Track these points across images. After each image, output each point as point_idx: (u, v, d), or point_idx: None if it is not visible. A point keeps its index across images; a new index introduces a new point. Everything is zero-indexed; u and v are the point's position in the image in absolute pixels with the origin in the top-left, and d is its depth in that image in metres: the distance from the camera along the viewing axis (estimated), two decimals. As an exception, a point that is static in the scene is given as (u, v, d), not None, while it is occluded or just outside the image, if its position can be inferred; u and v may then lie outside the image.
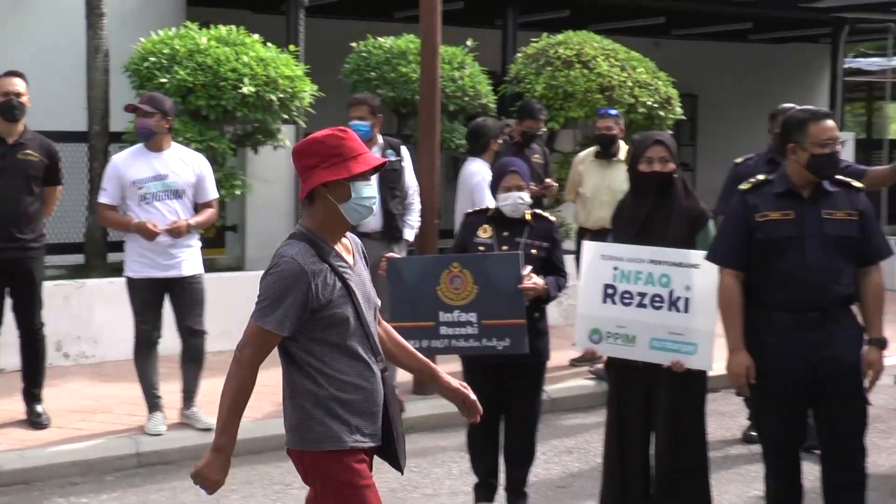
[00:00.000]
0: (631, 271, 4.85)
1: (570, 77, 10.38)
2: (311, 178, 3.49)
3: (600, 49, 10.73)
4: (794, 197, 4.64)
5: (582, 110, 10.37)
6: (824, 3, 14.35)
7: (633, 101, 10.39)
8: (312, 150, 3.50)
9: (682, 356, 4.79)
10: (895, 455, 6.82)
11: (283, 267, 3.44)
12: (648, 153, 4.88)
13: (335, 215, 3.53)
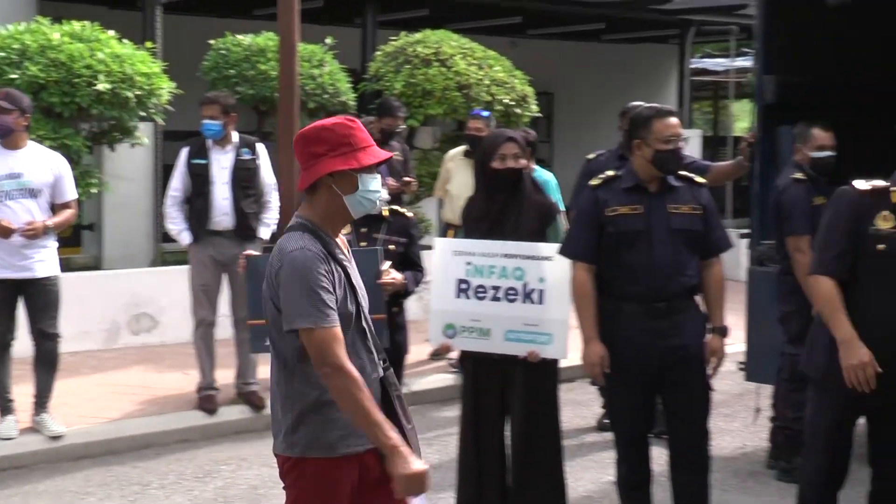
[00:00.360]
0: (484, 266, 4.90)
1: (428, 75, 10.45)
2: (317, 167, 3.29)
3: (458, 48, 10.83)
4: (642, 192, 4.77)
5: (441, 108, 10.45)
6: (672, 5, 14.76)
7: (491, 98, 10.52)
8: (321, 137, 3.31)
9: (538, 346, 4.87)
10: (738, 438, 7.07)
11: (295, 261, 3.22)
12: (501, 150, 4.92)
13: (338, 207, 3.35)
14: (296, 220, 3.38)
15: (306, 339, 3.20)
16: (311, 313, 3.18)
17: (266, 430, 7.28)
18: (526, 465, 4.98)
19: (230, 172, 7.13)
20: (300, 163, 3.37)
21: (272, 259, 3.32)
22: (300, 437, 3.32)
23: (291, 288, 3.20)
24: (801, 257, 5.97)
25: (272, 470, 6.43)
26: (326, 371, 3.19)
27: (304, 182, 3.34)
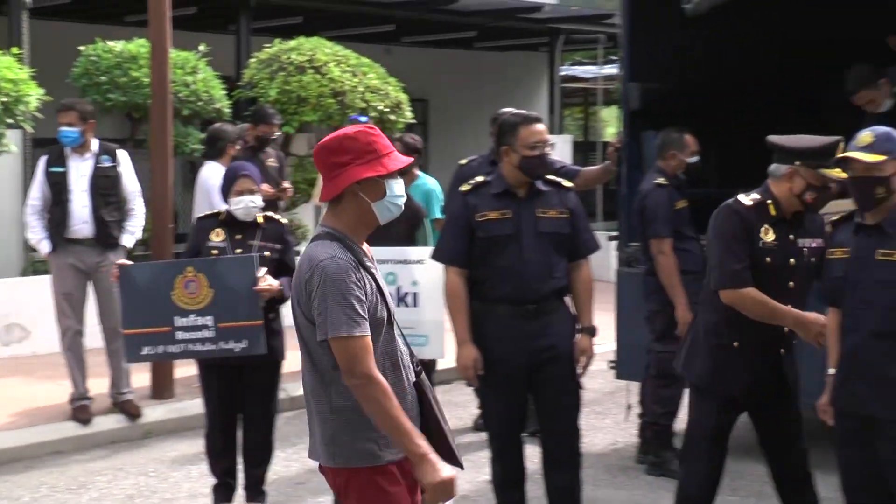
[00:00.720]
0: None
1: (303, 82, 10.40)
2: (343, 175, 3.25)
3: (332, 55, 10.80)
4: (511, 197, 4.83)
5: (316, 115, 10.41)
6: (541, 14, 14.98)
7: (365, 105, 10.51)
8: (344, 146, 3.27)
9: (415, 348, 4.85)
10: (610, 434, 7.21)
11: (328, 269, 3.17)
12: None
13: (366, 214, 3.32)
14: (322, 229, 3.33)
15: (337, 348, 3.17)
16: (344, 322, 3.14)
17: (143, 439, 7.19)
18: (404, 467, 4.99)
19: (89, 180, 7.00)
20: (323, 175, 3.32)
21: (301, 268, 3.27)
22: (342, 448, 3.28)
23: (324, 297, 3.16)
24: (663, 259, 6.13)
25: (149, 479, 6.34)
26: (355, 382, 3.16)
27: (332, 192, 3.28)
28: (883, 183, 4.02)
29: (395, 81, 11.08)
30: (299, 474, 6.42)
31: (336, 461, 3.28)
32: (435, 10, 14.23)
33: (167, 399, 7.65)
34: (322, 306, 3.16)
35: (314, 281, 3.18)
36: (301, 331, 3.30)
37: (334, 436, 3.27)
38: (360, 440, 3.25)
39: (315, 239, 3.30)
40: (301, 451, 6.82)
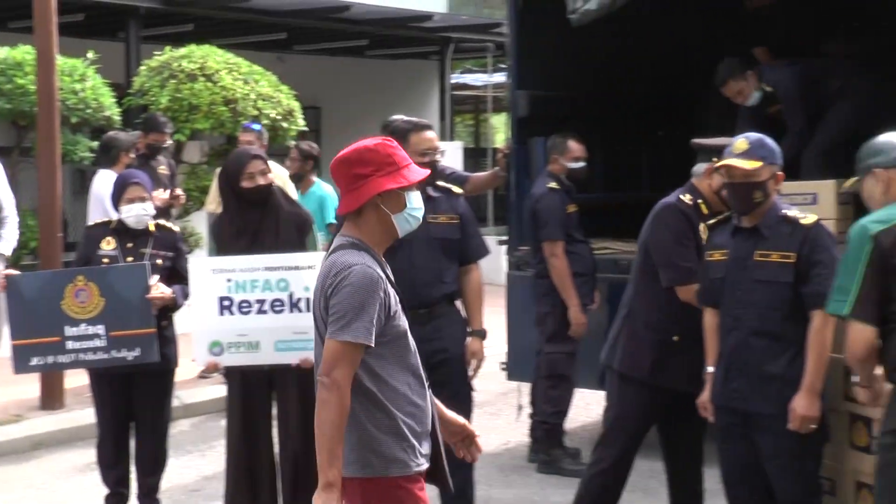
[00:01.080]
0: (246, 281, 4.81)
1: (194, 90, 10.26)
2: (365, 187, 3.20)
3: (223, 63, 10.68)
4: None
5: (207, 122, 10.28)
6: (432, 23, 15.05)
7: (257, 113, 10.42)
8: (365, 158, 3.23)
9: (310, 353, 4.82)
10: (503, 434, 7.27)
11: (358, 275, 3.14)
12: (248, 169, 4.84)
13: (387, 226, 3.27)
14: (345, 239, 3.27)
15: (332, 348, 3.13)
16: (357, 329, 3.11)
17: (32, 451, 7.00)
18: (303, 472, 4.95)
19: None
20: (341, 186, 3.27)
21: (326, 273, 3.21)
22: (373, 455, 3.20)
23: (350, 301, 3.12)
24: (556, 261, 6.22)
25: (38, 491, 6.19)
26: (326, 381, 3.11)
27: (353, 204, 3.23)
28: (760, 188, 4.16)
29: (288, 89, 11.01)
30: (194, 482, 6.34)
31: (366, 470, 3.20)
32: (326, 19, 14.18)
33: (57, 409, 7.48)
34: (344, 309, 3.12)
35: (340, 284, 3.14)
36: (321, 336, 3.24)
37: (362, 442, 3.20)
38: (392, 448, 3.20)
39: (339, 248, 3.25)
40: (196, 458, 6.75)
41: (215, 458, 6.69)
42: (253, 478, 4.97)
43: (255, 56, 11.94)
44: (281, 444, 5.00)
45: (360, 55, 17.36)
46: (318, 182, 8.17)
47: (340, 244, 3.27)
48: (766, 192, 4.16)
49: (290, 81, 11.36)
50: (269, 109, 10.55)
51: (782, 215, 4.21)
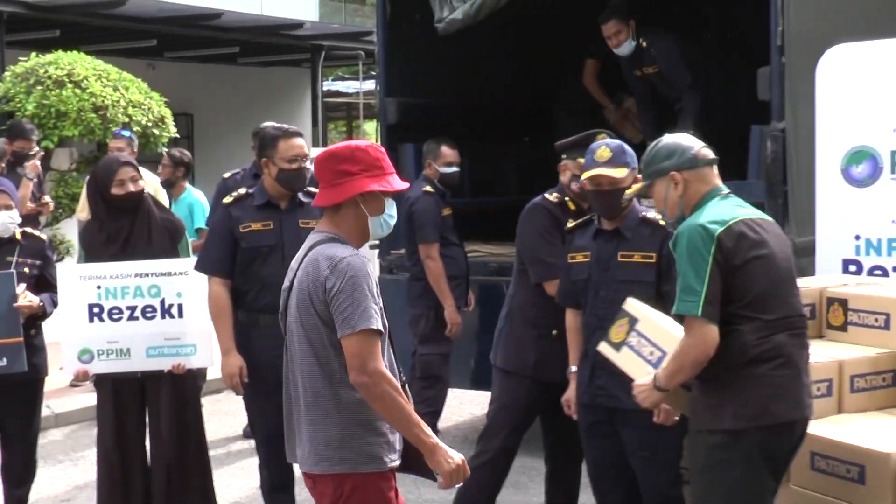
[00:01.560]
0: (117, 287, 4.72)
1: (62, 96, 9.98)
2: (351, 184, 3.21)
3: (92, 69, 10.42)
4: (273, 208, 4.82)
5: (76, 129, 10.01)
6: (303, 31, 14.97)
7: (128, 120, 10.21)
8: (356, 156, 3.24)
9: (183, 358, 4.79)
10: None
11: (356, 265, 3.13)
12: (119, 176, 4.75)
13: (362, 226, 3.28)
14: (323, 234, 3.27)
15: (356, 343, 3.09)
16: (372, 316, 3.09)
17: None
18: (174, 477, 4.87)
19: None
20: (323, 179, 3.28)
21: (316, 267, 3.16)
22: (351, 452, 3.18)
23: (352, 292, 3.10)
24: (432, 263, 6.25)
25: None
26: (365, 380, 3.08)
27: (334, 198, 3.24)
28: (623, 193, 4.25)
29: (158, 96, 10.81)
30: (65, 491, 6.17)
31: (344, 465, 3.18)
32: (197, 27, 13.97)
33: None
34: (349, 300, 3.10)
35: (337, 277, 3.12)
36: (305, 332, 3.20)
37: (343, 439, 3.18)
38: (370, 444, 3.20)
39: (319, 242, 3.24)
40: (68, 467, 6.57)
41: (87, 467, 6.53)
42: (125, 486, 4.86)
43: (124, 63, 11.68)
44: (153, 452, 4.89)
45: (233, 62, 17.16)
46: (189, 188, 8.06)
47: (320, 239, 3.26)
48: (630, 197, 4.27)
49: (162, 88, 11.16)
50: (139, 116, 10.34)
51: (642, 217, 4.31)
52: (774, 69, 5.77)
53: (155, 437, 4.87)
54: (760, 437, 3.42)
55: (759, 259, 3.45)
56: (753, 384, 3.42)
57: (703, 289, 3.36)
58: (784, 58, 5.74)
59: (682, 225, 3.51)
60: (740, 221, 3.47)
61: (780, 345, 3.44)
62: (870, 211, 5.42)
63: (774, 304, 3.45)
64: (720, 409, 3.46)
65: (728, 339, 3.41)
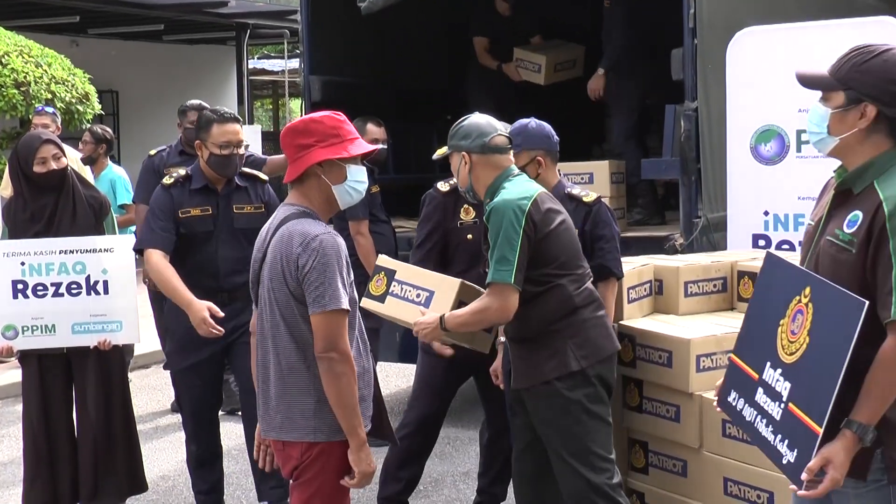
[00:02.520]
0: (42, 264, 4.62)
1: (-18, 72, 9.71)
2: (307, 156, 3.19)
3: (13, 45, 10.15)
4: (210, 192, 4.75)
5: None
6: (227, 9, 14.76)
7: (51, 96, 9.97)
8: (309, 128, 3.21)
9: (109, 334, 4.70)
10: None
11: (327, 244, 3.12)
12: (41, 153, 4.61)
13: (328, 197, 3.26)
14: (293, 208, 3.24)
15: (327, 321, 3.10)
16: (342, 296, 3.11)
17: None
18: (101, 452, 4.79)
19: None
20: (288, 155, 3.26)
21: (288, 243, 3.12)
22: (323, 423, 3.17)
23: (323, 271, 3.10)
24: (361, 240, 6.21)
25: None
26: (333, 356, 3.10)
27: (294, 172, 3.23)
28: None
29: (82, 73, 10.58)
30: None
31: (317, 435, 3.18)
32: (120, 3, 13.69)
33: None
34: (320, 279, 3.10)
35: (309, 255, 3.11)
36: (279, 306, 3.17)
37: (318, 409, 3.17)
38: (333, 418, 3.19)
39: (290, 217, 3.21)
40: (-7, 445, 6.42)
41: (12, 443, 6.41)
42: (52, 462, 4.78)
43: (47, 39, 11.41)
44: (80, 428, 4.80)
45: (158, 40, 16.88)
46: (110, 165, 7.94)
47: (290, 213, 3.23)
48: None
49: (86, 65, 10.92)
50: (63, 93, 10.11)
51: (567, 193, 4.34)
52: (687, 50, 5.84)
53: (81, 412, 4.78)
54: (599, 369, 3.83)
55: (563, 224, 3.81)
56: (584, 327, 3.81)
57: (515, 258, 3.64)
58: (696, 40, 5.80)
59: (493, 202, 3.74)
60: (541, 193, 3.80)
61: (591, 291, 3.89)
62: (777, 188, 5.53)
63: (578, 261, 3.87)
64: (560, 356, 3.78)
65: (551, 295, 3.77)
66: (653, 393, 4.43)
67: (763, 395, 2.81)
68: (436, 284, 4.03)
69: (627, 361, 4.46)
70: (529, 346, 3.85)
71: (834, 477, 2.58)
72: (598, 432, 3.82)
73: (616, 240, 4.37)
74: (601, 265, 4.24)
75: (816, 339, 2.64)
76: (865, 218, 2.65)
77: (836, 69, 2.75)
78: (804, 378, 2.65)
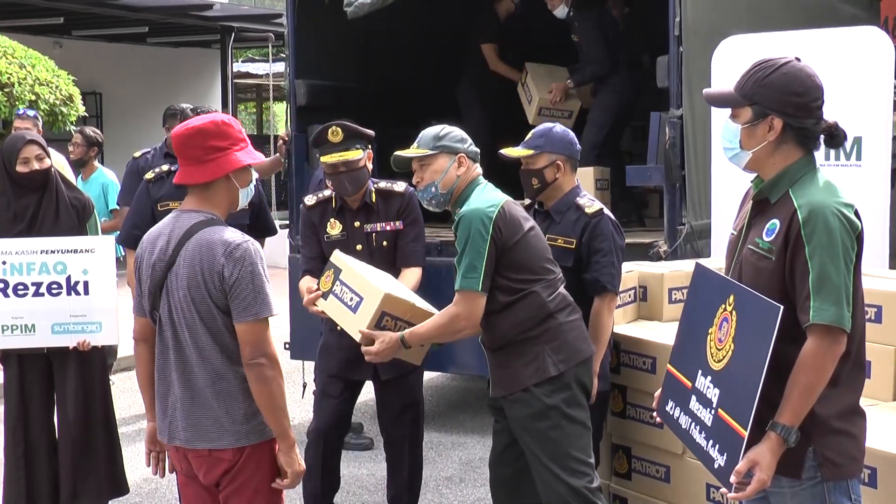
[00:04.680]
0: (23, 263, 4.60)
1: (-36, 73, 9.66)
2: (223, 160, 3.16)
3: (-4, 46, 10.11)
4: None
5: (-21, 106, 9.69)
6: (212, 12, 14.73)
7: (35, 98, 9.92)
8: (223, 131, 3.18)
9: (88, 335, 4.68)
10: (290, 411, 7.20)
11: (252, 252, 3.12)
12: (24, 154, 4.61)
13: (232, 199, 3.25)
14: (201, 215, 3.18)
15: (252, 329, 3.09)
16: (270, 304, 3.12)
17: None
18: (81, 453, 4.76)
19: None
20: (190, 156, 3.18)
21: (210, 252, 3.08)
22: (254, 427, 3.19)
23: (251, 279, 3.09)
24: None
25: None
26: (262, 361, 3.10)
27: (208, 175, 3.17)
28: (536, 175, 4.29)
29: (66, 74, 10.53)
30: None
31: (250, 438, 3.18)
32: (104, 5, 13.63)
33: None
34: (249, 288, 3.09)
35: (234, 264, 3.09)
36: (201, 316, 3.13)
37: (248, 413, 3.17)
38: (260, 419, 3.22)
39: (201, 224, 3.15)
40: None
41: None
42: (31, 464, 4.75)
43: (30, 40, 11.36)
44: (60, 430, 4.78)
45: (142, 42, 16.83)
46: (100, 168, 7.91)
47: (197, 220, 3.17)
48: (542, 179, 4.28)
49: (70, 67, 10.88)
50: (47, 94, 10.06)
51: (574, 202, 4.33)
52: (673, 58, 5.86)
53: (62, 413, 4.76)
54: (576, 372, 3.83)
55: (532, 231, 3.84)
56: (560, 332, 3.81)
57: (482, 265, 3.67)
58: (682, 47, 5.82)
59: (462, 211, 3.78)
60: (507, 202, 3.82)
61: (564, 295, 3.89)
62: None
63: (549, 266, 3.88)
64: (538, 362, 3.78)
65: (525, 302, 3.78)
66: (637, 399, 4.44)
67: (696, 403, 2.90)
68: (366, 292, 4.02)
69: (612, 367, 4.46)
70: (506, 355, 3.85)
71: (761, 478, 2.66)
72: (577, 437, 3.82)
73: (614, 254, 4.27)
74: (596, 279, 4.22)
75: (740, 345, 2.72)
76: (782, 226, 2.74)
77: (740, 86, 2.85)
78: (731, 384, 2.74)
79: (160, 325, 3.25)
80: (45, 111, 9.98)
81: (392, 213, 4.64)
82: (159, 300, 3.23)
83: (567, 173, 4.33)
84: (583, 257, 4.24)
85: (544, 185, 4.31)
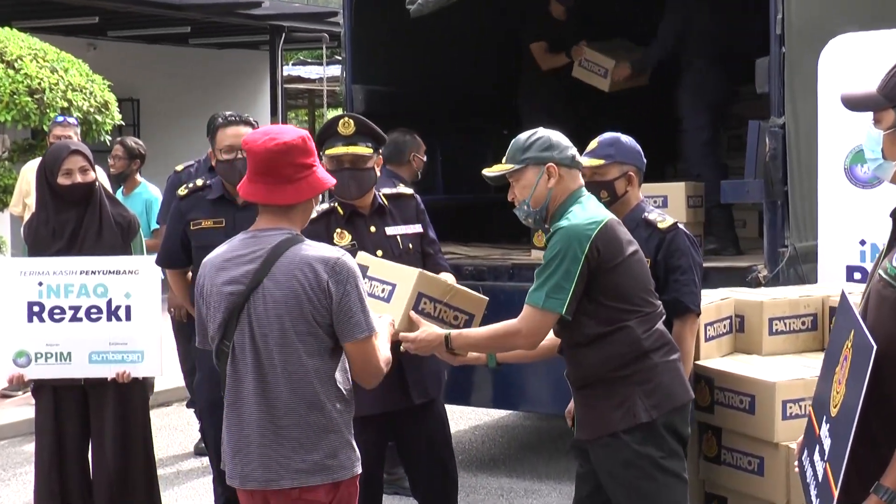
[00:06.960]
0: (60, 285, 4.69)
1: (-7, 78, 9.94)
2: (314, 178, 3.29)
3: (27, 48, 10.37)
4: (228, 203, 4.86)
5: (9, 114, 9.95)
6: (261, 10, 14.94)
7: (68, 105, 10.17)
8: (309, 148, 3.29)
9: (129, 365, 4.74)
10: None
11: (351, 267, 3.27)
12: (66, 165, 4.70)
13: (308, 218, 3.42)
14: (287, 232, 3.27)
15: (368, 346, 3.27)
16: (371, 319, 3.28)
17: None
18: (118, 495, 4.86)
19: None
20: (285, 175, 3.24)
21: (307, 271, 3.21)
22: (346, 459, 3.31)
23: (358, 295, 3.24)
24: None
25: None
26: (374, 380, 3.36)
27: (304, 195, 3.28)
28: (606, 187, 4.32)
29: (101, 79, 10.78)
30: (-3, 513, 6.16)
31: (343, 473, 3.29)
32: (143, 3, 13.91)
33: None
34: (357, 305, 3.23)
35: (339, 281, 3.21)
36: (299, 340, 3.22)
37: (341, 446, 3.29)
38: (350, 450, 3.34)
39: (287, 242, 3.24)
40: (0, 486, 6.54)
41: (20, 487, 6.52)
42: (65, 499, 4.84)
43: (63, 42, 11.63)
44: (95, 468, 4.88)
45: (184, 43, 17.11)
46: (143, 183, 8.04)
47: (284, 238, 3.25)
48: (613, 191, 4.32)
49: (105, 71, 11.12)
50: (80, 101, 10.30)
51: (643, 218, 4.36)
52: (774, 60, 5.84)
53: (98, 451, 4.85)
54: (671, 420, 3.76)
55: (634, 255, 3.78)
56: (654, 373, 3.74)
57: (571, 288, 3.63)
58: (784, 48, 5.81)
59: (560, 224, 3.73)
60: (611, 220, 3.77)
61: (662, 333, 3.82)
62: (875, 214, 5.50)
63: (649, 297, 3.81)
64: (628, 405, 3.72)
65: (617, 337, 3.72)
66: (733, 442, 4.43)
67: (816, 454, 2.77)
68: (398, 277, 4.08)
69: (704, 406, 4.47)
70: (593, 394, 3.81)
71: None
72: (671, 490, 3.78)
73: (694, 271, 4.31)
74: (676, 300, 4.23)
75: (847, 389, 2.60)
76: None
77: (883, 86, 2.72)
78: (835, 433, 2.62)
79: (233, 354, 3.30)
80: (79, 119, 10.23)
81: (410, 216, 4.68)
82: (233, 328, 3.28)
83: (636, 186, 4.38)
84: (659, 277, 4.24)
85: (614, 199, 4.33)
